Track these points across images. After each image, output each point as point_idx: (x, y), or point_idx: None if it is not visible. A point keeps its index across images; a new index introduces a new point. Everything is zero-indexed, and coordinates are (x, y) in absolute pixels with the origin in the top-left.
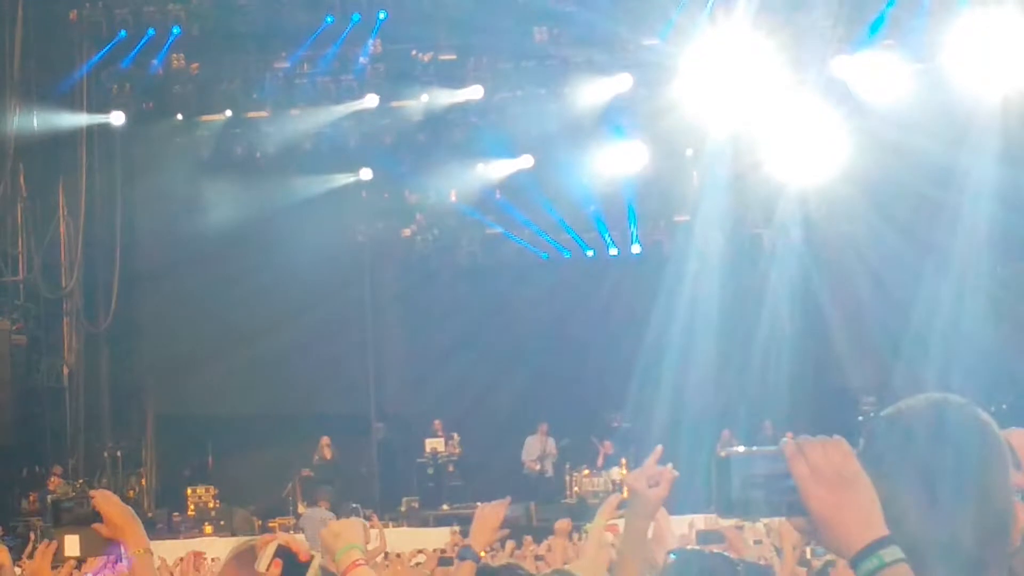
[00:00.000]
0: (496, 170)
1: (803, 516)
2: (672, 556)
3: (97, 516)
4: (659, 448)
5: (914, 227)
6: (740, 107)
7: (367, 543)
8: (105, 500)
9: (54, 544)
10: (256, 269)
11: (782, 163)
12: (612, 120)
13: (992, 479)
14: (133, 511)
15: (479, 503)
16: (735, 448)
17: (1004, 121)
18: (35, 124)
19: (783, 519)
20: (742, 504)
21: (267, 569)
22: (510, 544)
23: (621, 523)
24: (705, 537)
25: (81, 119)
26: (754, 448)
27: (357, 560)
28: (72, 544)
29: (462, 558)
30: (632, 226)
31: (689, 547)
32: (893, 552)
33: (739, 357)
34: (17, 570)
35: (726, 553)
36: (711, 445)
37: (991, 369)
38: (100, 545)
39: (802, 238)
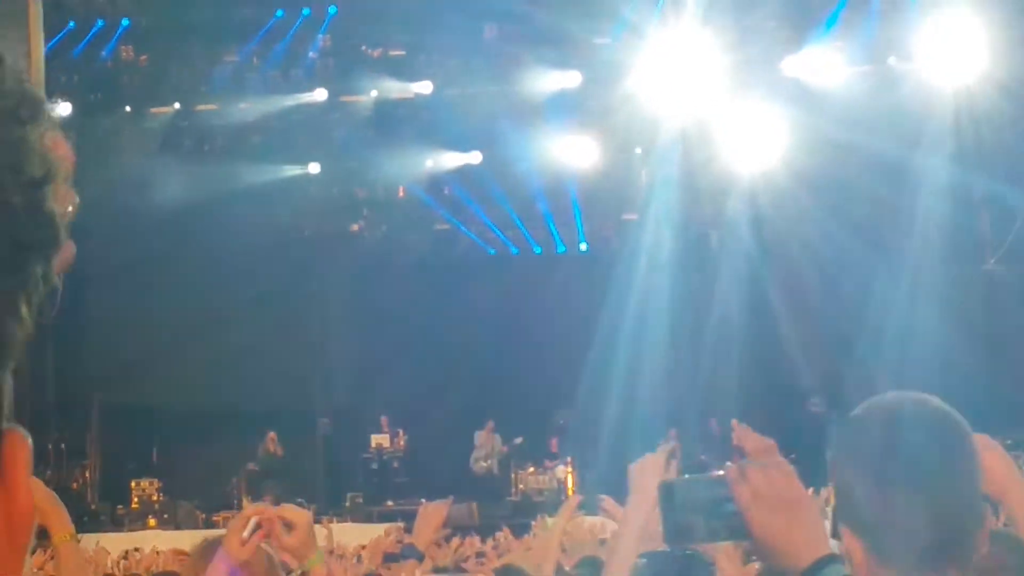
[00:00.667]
0: (445, 166)
1: (746, 539)
2: (642, 559)
3: None
4: (673, 439)
5: (866, 226)
6: (690, 106)
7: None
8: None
9: None
10: (203, 263)
11: (732, 162)
12: (561, 117)
13: (951, 479)
14: (57, 497)
15: (423, 500)
16: (681, 477)
17: (956, 121)
18: None
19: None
20: (687, 531)
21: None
22: (455, 541)
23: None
24: None
25: None
26: (697, 475)
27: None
28: None
29: (405, 557)
30: (579, 224)
31: (658, 549)
32: (837, 570)
33: (688, 356)
34: None
35: (699, 551)
36: (657, 444)
37: (943, 369)
38: None
39: (752, 236)
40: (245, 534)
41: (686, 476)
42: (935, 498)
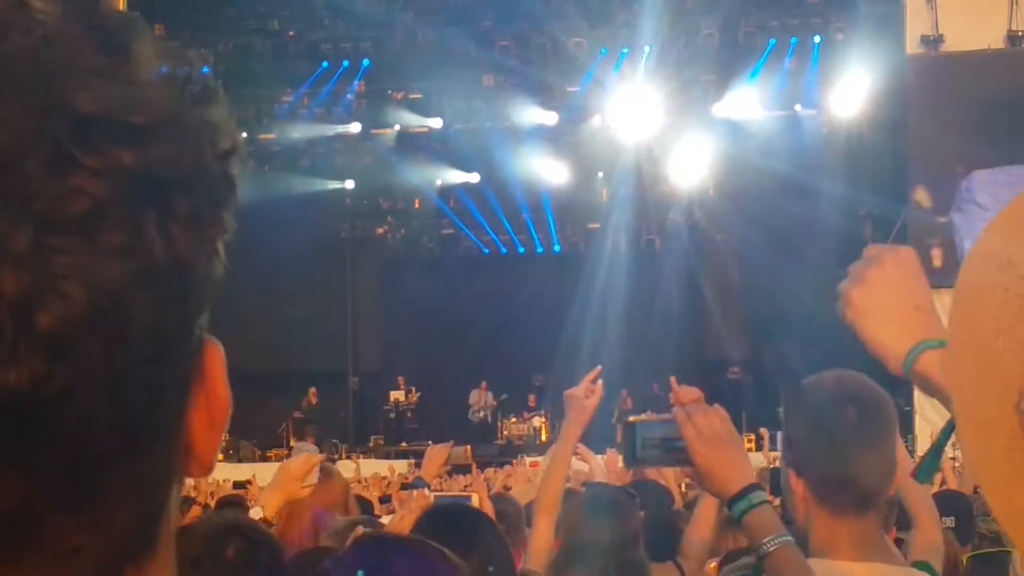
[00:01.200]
0: (451, 183)
1: (690, 467)
2: (584, 487)
3: None
4: (599, 367)
5: (778, 233)
6: (641, 139)
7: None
8: None
9: None
10: (265, 255)
11: (674, 183)
12: (541, 146)
13: (880, 441)
14: None
15: (430, 442)
16: (639, 416)
17: (847, 151)
18: None
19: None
20: (643, 459)
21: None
22: (460, 477)
23: (542, 460)
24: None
25: None
26: (652, 414)
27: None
28: None
29: (415, 486)
30: (553, 230)
31: (597, 481)
32: (759, 495)
33: (638, 334)
34: None
35: (629, 488)
36: (614, 401)
37: (837, 348)
38: None
39: (689, 242)
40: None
41: (644, 416)
42: (868, 455)
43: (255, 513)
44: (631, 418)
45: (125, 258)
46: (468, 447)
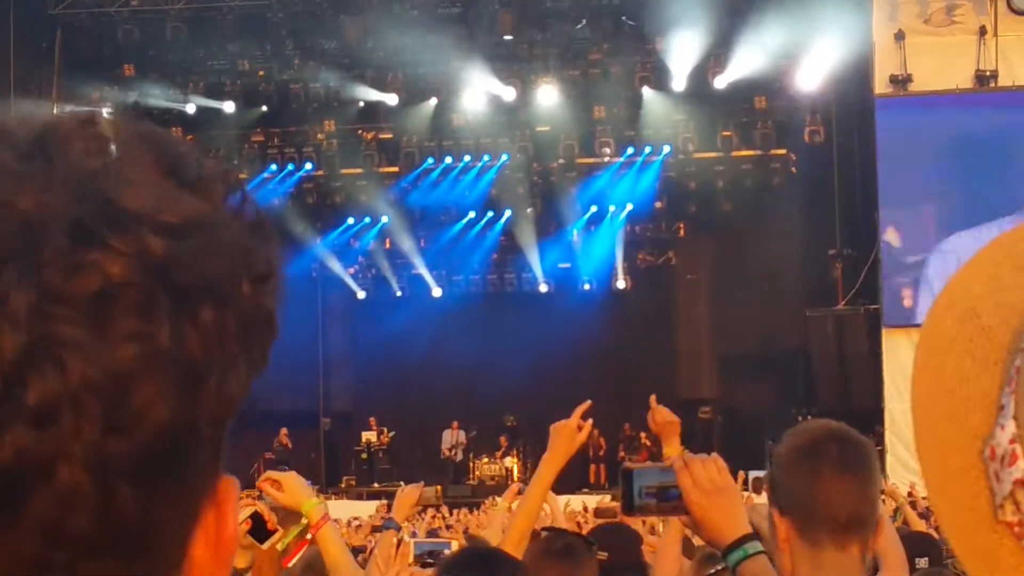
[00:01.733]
0: (423, 232)
1: (687, 516)
2: (544, 532)
3: None
4: (589, 402)
5: (749, 273)
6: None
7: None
8: None
9: None
10: None
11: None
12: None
13: (861, 479)
14: None
15: (401, 483)
16: (636, 464)
17: (816, 190)
18: None
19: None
20: (641, 507)
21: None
22: (431, 511)
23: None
24: (601, 512)
25: None
26: (649, 462)
27: (326, 515)
28: None
29: (386, 527)
30: (524, 271)
31: (555, 526)
32: (755, 546)
33: (610, 373)
34: None
35: (589, 538)
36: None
37: (808, 387)
38: None
39: (660, 282)
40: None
41: (640, 464)
42: (847, 483)
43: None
44: (628, 465)
45: (131, 342)
46: (439, 487)
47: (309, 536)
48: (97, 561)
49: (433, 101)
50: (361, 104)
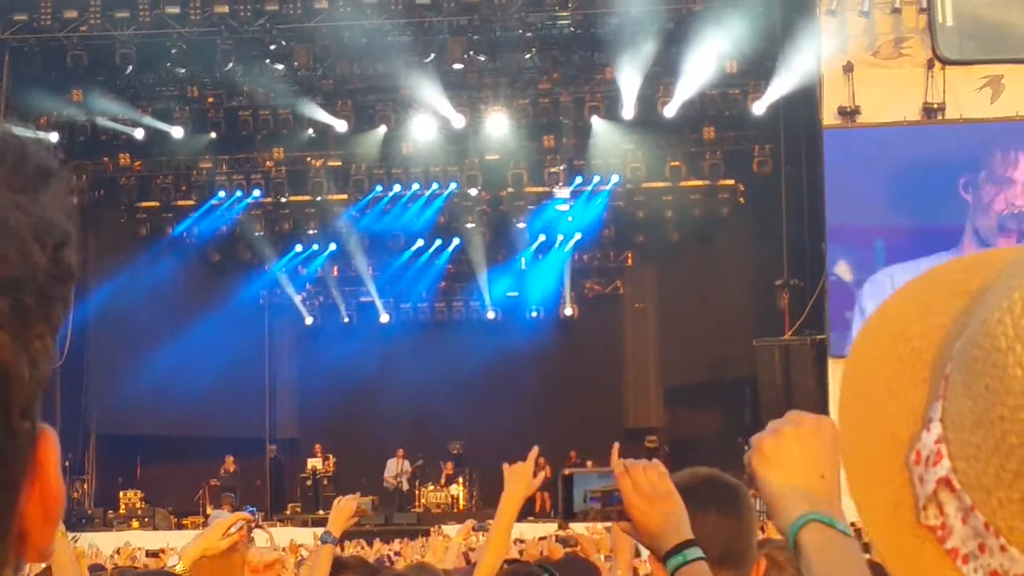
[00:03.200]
0: (372, 259)
1: (628, 522)
2: (506, 565)
3: None
4: (536, 448)
5: (696, 302)
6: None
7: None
8: None
9: None
10: (180, 324)
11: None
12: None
13: (736, 509)
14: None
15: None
16: (577, 468)
17: (764, 221)
18: None
19: (616, 526)
20: (582, 513)
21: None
22: (377, 542)
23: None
24: (564, 541)
25: None
26: (589, 467)
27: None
28: None
29: (323, 541)
30: (471, 299)
31: (517, 559)
32: (695, 551)
33: (557, 401)
34: None
35: (549, 567)
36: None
37: (753, 416)
38: None
39: (608, 311)
40: (232, 529)
41: (581, 469)
42: (714, 520)
43: (171, 562)
44: (568, 471)
45: None
46: (374, 497)
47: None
48: None
49: (383, 128)
50: (310, 131)
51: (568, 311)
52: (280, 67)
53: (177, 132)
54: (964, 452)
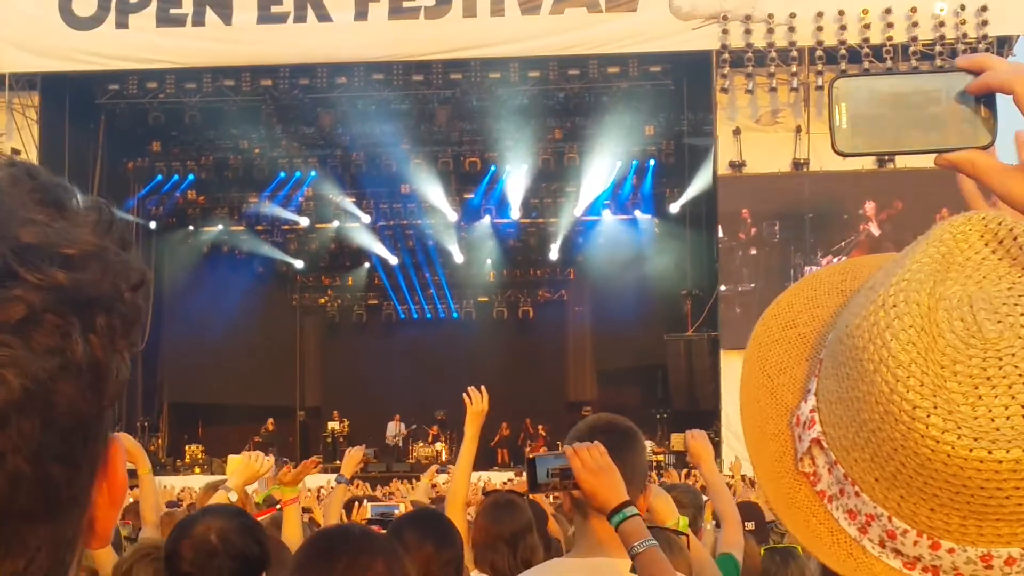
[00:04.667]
0: (377, 265)
1: (579, 490)
2: (484, 495)
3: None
4: (483, 386)
5: (622, 305)
6: (520, 234)
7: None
8: (125, 439)
9: None
10: (233, 317)
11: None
12: (446, 237)
13: (626, 453)
14: (143, 448)
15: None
16: (538, 452)
17: (674, 246)
18: None
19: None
20: (544, 485)
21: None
22: (379, 487)
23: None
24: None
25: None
26: (547, 451)
27: (296, 498)
28: None
29: (338, 482)
30: (451, 302)
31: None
32: (632, 510)
33: (516, 380)
34: None
35: (518, 493)
36: (495, 431)
37: (665, 391)
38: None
39: (556, 312)
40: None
41: (541, 452)
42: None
43: (230, 497)
44: (531, 455)
45: (53, 356)
46: (372, 450)
47: (279, 507)
48: (35, 527)
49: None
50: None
51: (526, 312)
52: (310, 127)
53: (231, 173)
54: (830, 420)
